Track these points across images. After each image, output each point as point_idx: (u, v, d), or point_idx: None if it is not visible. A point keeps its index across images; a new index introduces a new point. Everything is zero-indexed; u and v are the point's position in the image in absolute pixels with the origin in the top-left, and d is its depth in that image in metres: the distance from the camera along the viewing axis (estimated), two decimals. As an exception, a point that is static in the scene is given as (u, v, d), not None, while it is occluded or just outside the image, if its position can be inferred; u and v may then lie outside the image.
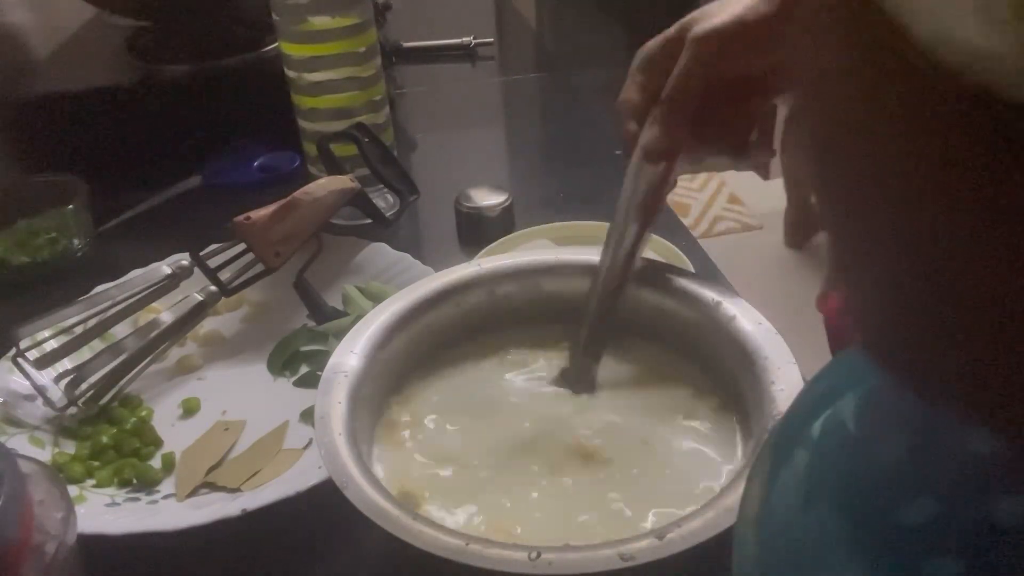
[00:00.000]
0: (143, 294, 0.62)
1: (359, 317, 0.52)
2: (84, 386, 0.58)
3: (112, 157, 0.87)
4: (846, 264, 0.18)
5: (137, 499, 0.52)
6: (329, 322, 0.62)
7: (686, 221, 2.06)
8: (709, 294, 0.51)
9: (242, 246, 0.64)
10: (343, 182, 0.70)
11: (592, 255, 0.55)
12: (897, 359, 0.18)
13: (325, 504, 0.43)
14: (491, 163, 0.93)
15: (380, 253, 0.68)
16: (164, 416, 0.59)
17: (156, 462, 0.55)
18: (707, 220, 2.36)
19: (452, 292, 0.54)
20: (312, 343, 0.62)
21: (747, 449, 0.46)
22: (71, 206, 0.75)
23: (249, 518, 0.46)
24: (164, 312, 0.63)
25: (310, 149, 0.78)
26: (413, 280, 0.56)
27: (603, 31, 2.81)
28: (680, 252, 0.64)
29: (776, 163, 2.53)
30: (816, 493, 0.27)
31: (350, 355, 0.49)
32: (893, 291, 0.17)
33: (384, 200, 0.76)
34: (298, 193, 0.66)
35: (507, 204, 0.74)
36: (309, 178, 0.76)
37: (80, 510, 0.43)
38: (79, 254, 0.76)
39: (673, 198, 0.52)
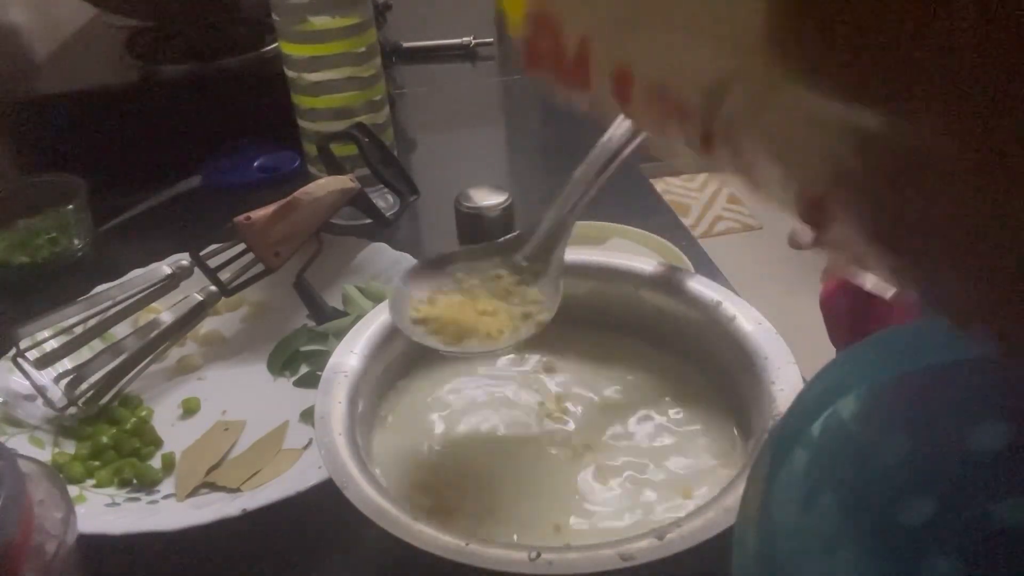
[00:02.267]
0: (143, 294, 0.62)
1: (359, 317, 0.52)
2: (84, 386, 0.58)
3: (112, 157, 0.87)
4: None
5: (137, 499, 0.52)
6: (329, 322, 0.62)
7: (686, 221, 2.06)
8: (709, 294, 0.51)
9: (242, 246, 0.64)
10: (343, 182, 0.70)
11: (591, 256, 0.55)
12: None
13: (325, 504, 0.43)
14: (491, 163, 0.93)
15: (380, 253, 0.68)
16: (164, 416, 0.59)
17: (156, 462, 0.55)
18: (707, 220, 2.36)
19: (452, 292, 0.54)
20: (312, 343, 0.62)
21: (747, 449, 0.46)
22: (71, 206, 0.75)
23: (249, 518, 0.46)
24: (164, 312, 0.63)
25: (310, 149, 0.78)
26: (413, 280, 0.56)
27: (603, 31, 2.80)
28: (680, 252, 0.64)
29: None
30: (816, 493, 0.27)
31: (350, 355, 0.49)
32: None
33: (384, 200, 0.76)
34: (298, 193, 0.66)
35: (507, 204, 0.74)
36: (309, 178, 0.76)
37: (80, 510, 0.43)
38: (79, 254, 0.76)
39: (673, 198, 0.52)
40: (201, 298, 0.63)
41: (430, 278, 0.49)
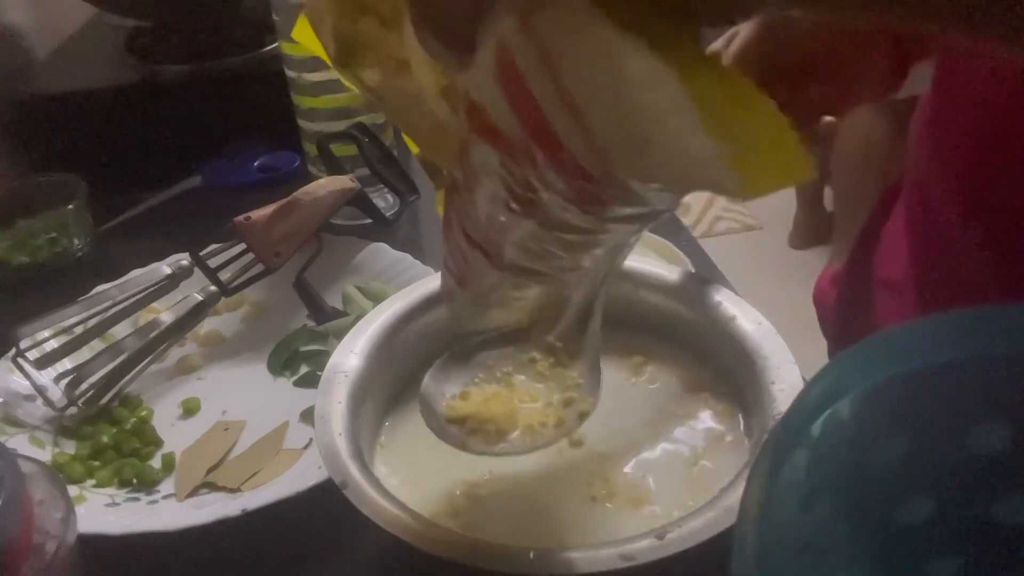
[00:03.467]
0: (143, 294, 0.62)
1: (359, 317, 0.52)
2: (84, 386, 0.58)
3: (112, 157, 0.87)
4: None
5: (137, 499, 0.52)
6: (329, 322, 0.62)
7: (686, 221, 2.05)
8: (709, 294, 0.51)
9: (242, 246, 0.64)
10: (343, 182, 0.70)
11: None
12: None
13: (325, 504, 0.43)
14: (491, 163, 0.93)
15: (380, 253, 0.68)
16: (164, 416, 0.59)
17: (156, 462, 0.55)
18: (707, 220, 2.36)
19: (452, 292, 0.54)
20: (312, 343, 0.62)
21: (747, 449, 0.46)
22: (71, 206, 0.75)
23: (249, 518, 0.47)
24: (164, 312, 0.63)
25: (310, 149, 0.78)
26: (413, 280, 0.56)
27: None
28: (680, 252, 0.64)
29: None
30: (816, 493, 0.27)
31: (350, 355, 0.49)
32: None
33: (384, 200, 0.76)
34: (298, 193, 0.66)
35: (507, 204, 0.74)
36: (309, 178, 0.76)
37: (80, 510, 0.43)
38: (79, 254, 0.76)
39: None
40: (201, 298, 0.63)
41: (460, 370, 0.46)
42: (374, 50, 0.34)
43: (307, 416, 0.55)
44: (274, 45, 0.90)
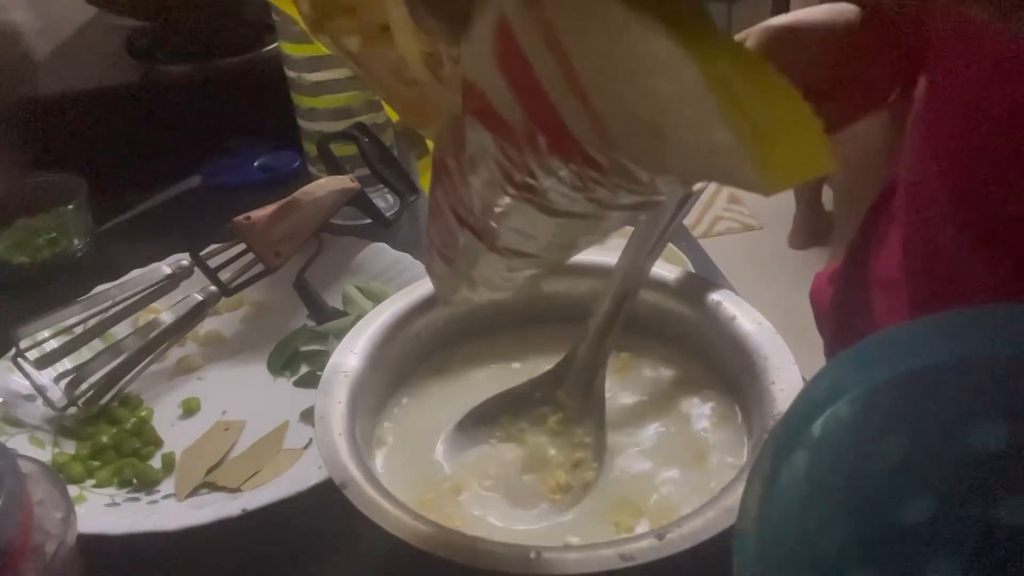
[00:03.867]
0: (143, 294, 0.62)
1: (359, 317, 0.52)
2: (84, 386, 0.58)
3: (112, 157, 0.87)
4: None
5: (137, 499, 0.52)
6: (329, 322, 0.62)
7: (686, 221, 2.05)
8: (709, 294, 0.51)
9: (242, 246, 0.64)
10: (343, 182, 0.70)
11: (588, 255, 0.55)
12: None
13: (325, 504, 0.43)
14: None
15: (380, 253, 0.68)
16: (164, 416, 0.59)
17: (156, 462, 0.55)
18: (707, 220, 2.36)
19: (452, 292, 0.54)
20: (312, 343, 0.62)
21: (747, 449, 0.46)
22: (71, 206, 0.75)
23: (249, 518, 0.47)
24: (164, 312, 0.63)
25: (310, 149, 0.78)
26: (413, 280, 0.56)
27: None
28: (680, 252, 0.64)
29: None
30: (816, 493, 0.27)
31: (350, 355, 0.49)
32: None
33: (384, 200, 0.76)
34: (298, 193, 0.66)
35: (507, 204, 0.74)
36: (309, 178, 0.76)
37: (80, 510, 0.43)
38: (79, 254, 0.76)
39: (672, 198, 0.52)
40: (201, 298, 0.63)
41: (477, 432, 0.48)
42: (353, 15, 0.32)
43: (307, 416, 0.55)
44: (274, 45, 0.90)
